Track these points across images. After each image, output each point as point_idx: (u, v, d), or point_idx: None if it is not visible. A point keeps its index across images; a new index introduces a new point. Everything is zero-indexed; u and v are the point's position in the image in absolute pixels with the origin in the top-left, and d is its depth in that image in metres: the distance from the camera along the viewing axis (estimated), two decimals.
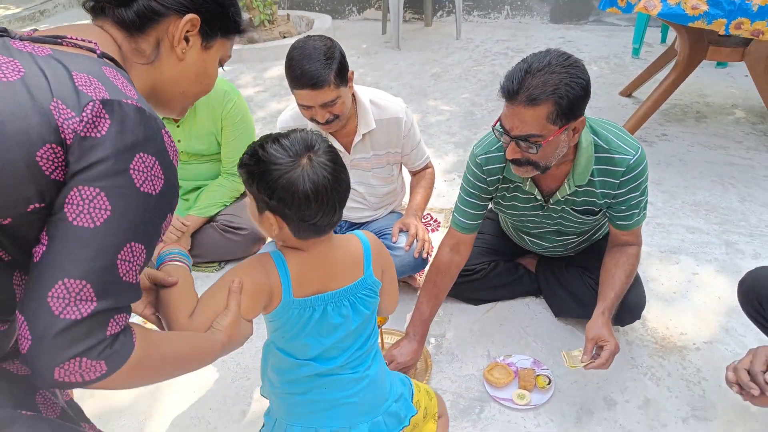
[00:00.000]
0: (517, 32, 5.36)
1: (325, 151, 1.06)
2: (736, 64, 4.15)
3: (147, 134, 0.80)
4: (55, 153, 0.75)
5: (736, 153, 3.06)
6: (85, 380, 0.76)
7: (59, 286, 0.74)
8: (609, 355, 1.55)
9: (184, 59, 0.95)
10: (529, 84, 1.40)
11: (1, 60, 0.77)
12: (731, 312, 2.03)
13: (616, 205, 1.69)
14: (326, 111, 1.80)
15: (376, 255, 1.23)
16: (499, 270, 2.10)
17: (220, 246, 2.37)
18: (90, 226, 0.76)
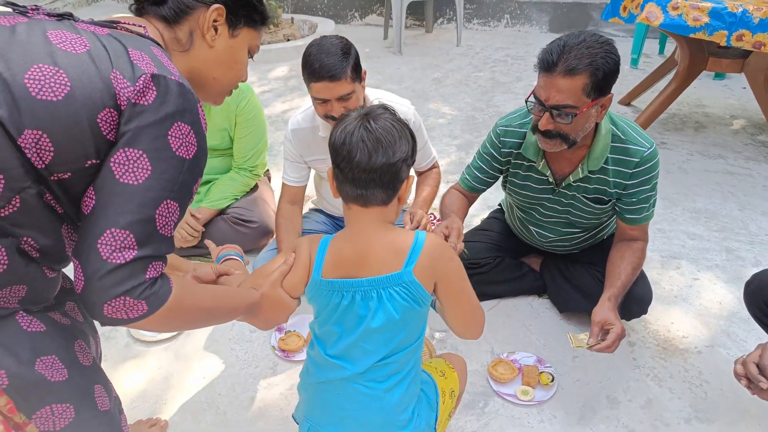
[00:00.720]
0: (517, 40, 5.42)
1: (376, 117, 1.10)
2: (734, 75, 4.23)
3: (185, 106, 0.90)
4: (112, 116, 0.86)
5: (735, 162, 3.11)
6: (129, 317, 0.86)
7: (107, 235, 0.84)
8: (615, 337, 1.57)
9: (214, 46, 1.05)
10: (567, 56, 1.48)
11: (70, 36, 0.88)
12: (732, 316, 2.06)
13: (626, 197, 1.72)
14: (341, 106, 1.82)
15: (428, 258, 1.12)
16: (503, 266, 2.11)
17: (230, 238, 2.37)
18: (134, 183, 0.86)
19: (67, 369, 0.97)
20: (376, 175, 1.07)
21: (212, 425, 1.70)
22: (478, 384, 1.81)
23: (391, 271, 1.11)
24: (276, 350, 1.96)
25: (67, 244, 0.94)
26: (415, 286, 1.11)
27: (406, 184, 1.14)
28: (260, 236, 2.42)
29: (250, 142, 2.41)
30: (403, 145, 1.09)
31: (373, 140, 1.06)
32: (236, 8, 1.05)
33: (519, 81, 4.39)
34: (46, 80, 0.82)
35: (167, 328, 0.97)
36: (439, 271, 1.14)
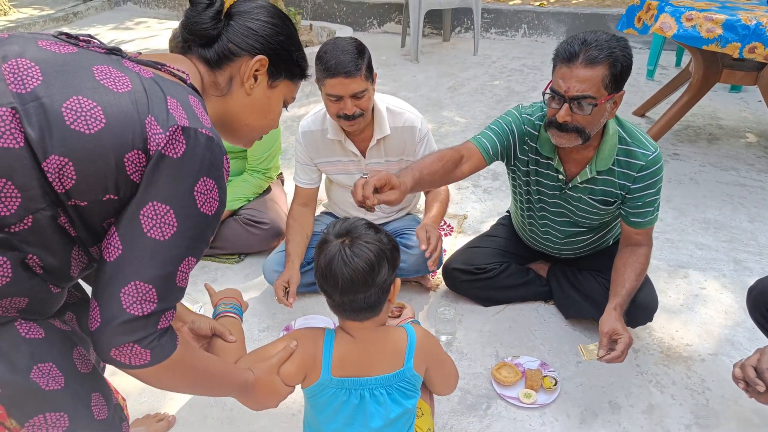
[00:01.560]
0: (534, 50, 5.45)
1: (354, 241, 1.15)
2: (750, 89, 4.22)
3: (212, 160, 0.93)
4: (140, 158, 0.89)
5: (747, 175, 3.11)
6: (131, 364, 0.91)
7: (131, 286, 0.89)
8: (624, 347, 1.60)
9: (252, 95, 1.08)
10: (588, 47, 1.54)
11: (115, 74, 0.90)
12: (737, 326, 2.07)
13: (631, 200, 1.76)
14: (354, 104, 1.86)
15: (421, 351, 1.27)
16: (510, 271, 2.15)
17: (242, 239, 2.44)
18: (160, 239, 0.90)
19: (64, 377, 0.98)
20: (360, 298, 1.15)
21: (218, 421, 1.74)
22: (482, 386, 1.85)
23: (395, 369, 1.24)
24: None
25: (74, 265, 0.96)
26: (416, 378, 1.27)
27: (393, 289, 1.22)
28: (272, 237, 2.48)
29: (263, 145, 2.46)
30: (382, 268, 1.14)
31: (350, 271, 1.12)
32: (279, 61, 1.08)
33: (534, 90, 4.42)
34: (82, 112, 0.85)
35: (162, 382, 0.99)
36: (429, 358, 1.30)
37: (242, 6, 1.06)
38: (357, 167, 2.13)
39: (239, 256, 2.51)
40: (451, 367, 1.41)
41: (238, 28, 1.04)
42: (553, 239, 2.03)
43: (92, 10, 7.26)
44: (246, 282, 2.38)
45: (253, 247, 2.50)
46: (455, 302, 2.21)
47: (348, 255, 1.12)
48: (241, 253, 2.52)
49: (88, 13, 7.20)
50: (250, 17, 1.05)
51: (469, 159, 1.77)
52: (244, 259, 2.51)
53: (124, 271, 0.89)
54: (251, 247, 2.49)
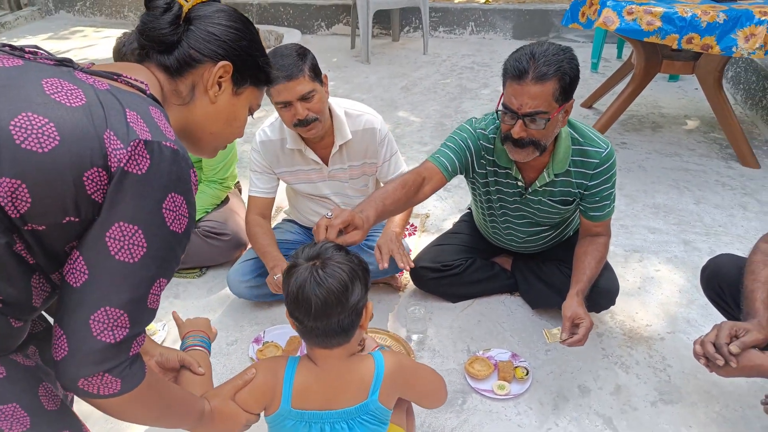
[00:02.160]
0: (482, 47, 5.56)
1: (325, 263, 1.12)
2: (687, 77, 4.43)
3: (179, 174, 0.88)
4: (100, 176, 0.83)
5: (689, 160, 3.27)
6: (100, 393, 0.87)
7: (101, 312, 0.84)
8: (585, 331, 1.66)
9: (216, 102, 1.02)
10: (536, 64, 1.55)
11: (67, 87, 0.84)
12: (690, 304, 2.17)
13: (589, 196, 1.82)
14: (305, 108, 1.83)
15: (390, 381, 1.21)
16: (475, 267, 2.19)
17: (203, 251, 2.38)
18: (129, 261, 0.85)
19: (29, 417, 0.92)
20: (333, 322, 1.12)
21: None
22: (457, 382, 1.88)
23: (358, 401, 1.19)
24: (254, 361, 1.98)
25: (35, 295, 0.90)
26: (380, 411, 1.21)
27: (366, 313, 1.18)
28: (233, 249, 2.43)
29: (219, 155, 2.41)
30: (355, 289, 1.12)
31: (324, 293, 1.09)
32: (243, 67, 1.03)
33: (486, 87, 4.51)
34: (33, 130, 0.78)
35: (127, 413, 0.94)
36: (401, 386, 1.25)
37: (201, 10, 1.00)
38: (319, 175, 2.12)
39: (200, 270, 2.46)
40: (430, 384, 1.34)
41: (198, 33, 0.98)
42: (516, 238, 2.08)
43: (21, 20, 6.90)
44: (210, 296, 2.34)
45: (215, 259, 2.45)
46: (424, 300, 2.23)
47: (321, 276, 1.10)
48: (203, 267, 2.47)
49: (17, 23, 6.85)
50: (211, 22, 0.99)
51: (430, 180, 1.79)
52: (206, 272, 2.46)
53: (93, 296, 0.84)
54: (213, 259, 2.45)
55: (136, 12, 6.74)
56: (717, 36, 2.69)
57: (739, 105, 3.98)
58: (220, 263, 2.46)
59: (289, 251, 2.26)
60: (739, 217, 2.71)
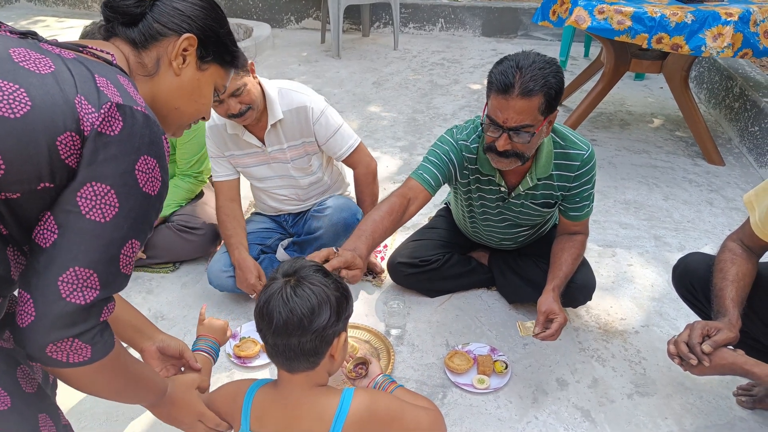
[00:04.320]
0: (452, 44, 5.57)
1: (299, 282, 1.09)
2: (652, 76, 4.54)
3: (151, 138, 0.89)
4: (73, 141, 0.83)
5: (657, 157, 3.34)
6: (68, 361, 0.85)
7: (70, 273, 0.83)
8: (558, 326, 1.67)
9: (180, 75, 1.03)
10: (522, 78, 1.52)
11: (34, 56, 0.85)
12: (663, 298, 2.22)
13: (570, 197, 1.83)
14: (237, 102, 1.87)
15: (358, 422, 1.12)
16: (453, 262, 2.18)
17: (176, 246, 2.32)
18: (101, 220, 0.84)
19: (9, 396, 0.92)
20: (294, 342, 1.07)
21: None
22: (437, 377, 1.87)
23: None
24: (231, 357, 1.93)
25: (12, 267, 0.89)
26: None
27: (337, 343, 1.12)
28: (208, 243, 2.38)
29: (193, 148, 2.36)
30: (323, 314, 1.07)
31: (287, 311, 1.05)
32: (207, 42, 1.04)
33: (456, 83, 4.51)
34: (4, 96, 0.79)
35: (93, 384, 0.93)
36: (373, 428, 1.14)
37: None
38: (262, 158, 2.12)
39: (174, 265, 2.39)
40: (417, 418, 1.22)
41: (164, 8, 1.00)
42: (495, 237, 2.08)
43: None
44: (184, 290, 2.27)
45: (188, 254, 2.38)
46: (402, 295, 2.21)
47: (288, 294, 1.07)
48: (176, 261, 2.40)
49: None
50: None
51: (416, 199, 1.77)
52: (179, 267, 2.39)
53: (62, 256, 0.82)
54: (187, 254, 2.38)
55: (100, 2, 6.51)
56: (686, 36, 2.75)
57: (703, 104, 4.10)
58: (194, 258, 2.40)
59: (265, 240, 2.26)
60: (707, 213, 2.78)
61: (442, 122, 3.75)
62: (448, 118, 3.83)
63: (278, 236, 2.31)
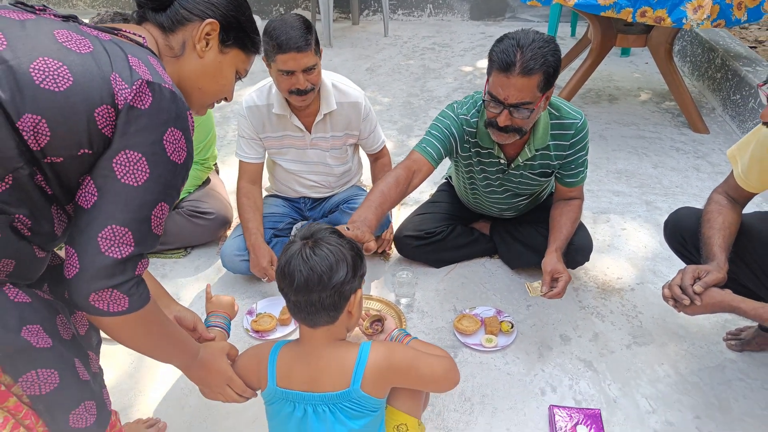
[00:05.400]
0: (441, 29, 5.66)
1: (317, 243, 1.17)
2: (638, 52, 4.66)
3: (177, 113, 0.99)
4: (109, 113, 0.94)
5: (645, 128, 3.46)
6: (109, 310, 0.96)
7: (108, 230, 0.94)
8: (564, 284, 1.78)
9: (204, 57, 1.13)
10: (523, 57, 1.60)
11: (75, 37, 0.95)
12: (655, 257, 2.34)
13: (566, 164, 1.94)
14: (306, 78, 1.91)
15: (376, 370, 1.19)
16: (456, 233, 2.29)
17: (187, 231, 2.40)
18: (134, 184, 0.95)
19: (51, 338, 1.03)
20: (315, 299, 1.15)
21: (196, 409, 1.75)
22: (447, 339, 1.98)
23: (340, 388, 1.19)
24: (250, 332, 2.03)
25: (56, 224, 1.01)
26: (365, 400, 1.19)
27: (354, 299, 1.20)
28: (218, 227, 2.46)
29: (199, 135, 2.43)
30: (340, 270, 1.14)
31: (308, 269, 1.13)
32: (229, 27, 1.14)
33: (448, 66, 4.61)
34: (50, 72, 0.89)
35: (130, 335, 1.04)
36: (392, 378, 1.23)
37: None
38: (303, 142, 2.18)
39: (185, 250, 2.48)
40: (432, 374, 1.28)
41: None
42: (496, 206, 2.19)
43: None
44: (197, 274, 2.36)
45: (199, 238, 2.47)
46: (409, 267, 2.32)
47: (307, 254, 1.15)
48: (187, 246, 2.49)
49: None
50: None
51: (419, 171, 1.87)
52: (191, 252, 2.48)
53: (101, 216, 0.94)
54: (198, 238, 2.46)
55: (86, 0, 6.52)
56: (668, 9, 2.86)
57: (687, 77, 4.22)
58: (205, 242, 2.49)
59: (277, 224, 2.32)
60: (694, 178, 2.91)
61: (437, 104, 3.85)
62: (442, 100, 3.92)
63: (290, 220, 2.39)
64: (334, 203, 2.37)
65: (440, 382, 1.32)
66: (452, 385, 1.34)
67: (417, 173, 1.86)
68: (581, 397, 1.75)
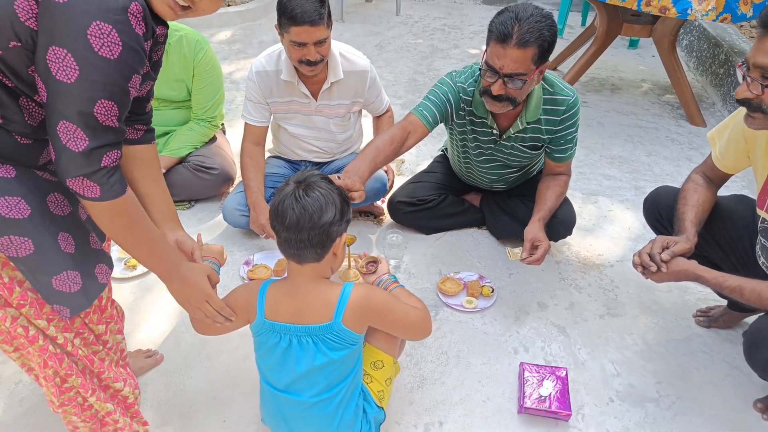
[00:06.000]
0: (453, 11, 5.70)
1: (308, 186, 1.26)
2: (645, 45, 4.69)
3: (106, 5, 0.96)
4: (29, 4, 0.96)
5: (644, 118, 3.53)
6: (85, 195, 1.05)
7: (61, 125, 0.99)
8: (543, 252, 1.87)
9: None
10: (519, 29, 1.67)
11: None
12: (638, 238, 2.43)
13: (556, 139, 2.02)
14: (317, 50, 1.99)
15: (356, 307, 1.29)
16: (448, 202, 2.38)
17: (193, 185, 2.50)
18: (67, 81, 0.96)
19: (30, 210, 1.08)
20: (304, 236, 1.24)
21: (192, 345, 1.87)
22: (430, 298, 2.08)
23: (323, 321, 1.30)
24: (245, 281, 2.14)
25: (25, 114, 1.06)
26: (345, 333, 1.30)
27: (339, 241, 1.30)
28: (221, 183, 2.56)
29: (208, 93, 2.51)
30: (329, 211, 1.24)
31: (300, 208, 1.22)
32: None
33: (456, 48, 4.66)
34: None
35: (108, 224, 1.11)
36: (369, 316, 1.34)
37: None
38: (309, 109, 2.26)
39: (189, 203, 2.58)
40: (405, 320, 1.39)
41: None
42: (487, 177, 2.28)
43: None
44: (199, 225, 2.47)
45: (204, 192, 2.57)
46: (400, 231, 2.41)
47: (300, 195, 1.24)
48: (192, 200, 2.59)
49: None
50: None
51: (414, 132, 1.95)
52: (194, 205, 2.58)
53: (52, 112, 0.98)
54: (202, 192, 2.57)
55: None
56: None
57: (692, 71, 4.27)
58: (208, 197, 2.59)
59: (277, 183, 2.41)
60: (685, 167, 2.98)
61: None
62: None
63: None
64: (333, 169, 2.46)
65: (412, 329, 1.42)
66: (422, 335, 1.45)
67: (412, 134, 1.95)
68: (551, 358, 1.86)
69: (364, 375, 1.47)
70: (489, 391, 1.73)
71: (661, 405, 1.70)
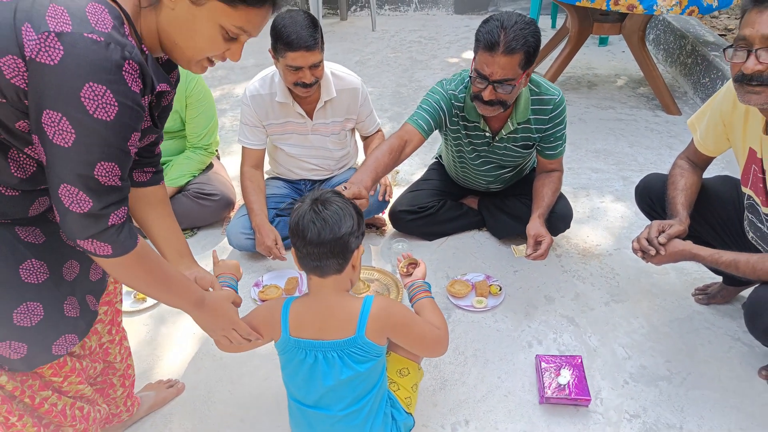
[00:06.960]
0: (427, 23, 5.83)
1: (324, 202, 1.30)
2: (615, 42, 4.86)
3: (98, 65, 0.91)
4: (16, 63, 0.91)
5: (622, 111, 3.66)
6: (97, 254, 1.03)
7: (62, 188, 0.97)
8: (547, 246, 1.96)
9: (175, 9, 1.04)
10: (506, 37, 1.76)
11: None
12: (631, 226, 2.53)
13: (546, 137, 2.11)
14: (312, 73, 2.06)
15: (377, 320, 1.32)
16: (447, 207, 2.47)
17: (194, 212, 2.54)
18: (64, 145, 0.94)
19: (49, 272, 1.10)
20: (326, 248, 1.27)
21: (212, 370, 1.90)
22: (440, 302, 2.13)
23: (347, 335, 1.33)
24: (257, 302, 2.18)
25: (12, 167, 1.03)
26: (369, 346, 1.33)
27: (357, 253, 1.33)
28: (222, 208, 2.60)
29: (202, 122, 2.55)
30: (347, 222, 1.28)
31: (321, 220, 1.26)
32: None
33: (435, 58, 4.78)
34: None
35: (123, 275, 1.09)
36: (387, 330, 1.36)
37: None
38: (305, 128, 2.33)
39: (192, 231, 2.62)
40: (422, 336, 1.41)
41: None
42: (483, 179, 2.36)
43: None
44: (204, 252, 2.50)
45: (205, 219, 2.61)
46: (404, 240, 2.49)
47: (318, 209, 1.30)
48: (194, 227, 2.63)
49: None
50: None
51: (411, 141, 2.03)
52: (197, 233, 2.62)
53: (54, 173, 0.96)
54: (204, 219, 2.60)
55: None
56: None
57: (661, 63, 4.43)
58: (210, 223, 2.63)
59: (279, 204, 2.47)
60: (667, 155, 3.11)
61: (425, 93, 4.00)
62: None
63: (291, 200, 2.53)
64: (333, 185, 2.52)
65: (427, 347, 1.46)
66: (435, 355, 1.50)
67: (409, 143, 2.03)
68: (564, 347, 1.93)
69: (391, 383, 1.51)
70: (509, 385, 1.80)
71: (673, 382, 1.78)
